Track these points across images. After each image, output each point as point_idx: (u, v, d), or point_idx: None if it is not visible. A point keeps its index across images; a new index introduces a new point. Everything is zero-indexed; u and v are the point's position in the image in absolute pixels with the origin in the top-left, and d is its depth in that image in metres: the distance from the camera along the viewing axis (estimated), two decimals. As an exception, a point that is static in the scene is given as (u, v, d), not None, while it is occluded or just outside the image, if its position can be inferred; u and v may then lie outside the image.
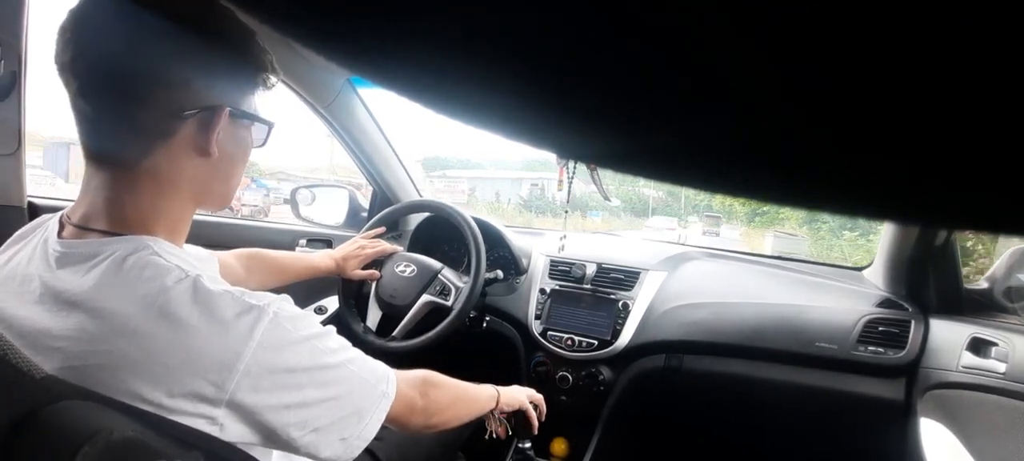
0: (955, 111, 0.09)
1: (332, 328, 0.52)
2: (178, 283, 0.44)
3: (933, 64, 0.08)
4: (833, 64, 0.09)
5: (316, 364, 0.47)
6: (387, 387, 0.54)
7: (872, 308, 1.04)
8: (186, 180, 0.50)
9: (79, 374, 0.41)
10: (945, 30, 0.08)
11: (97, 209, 0.48)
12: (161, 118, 0.48)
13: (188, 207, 0.52)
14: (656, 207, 9.45)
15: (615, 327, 1.16)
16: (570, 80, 0.12)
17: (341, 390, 0.49)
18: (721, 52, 0.10)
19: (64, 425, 0.35)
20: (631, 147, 0.14)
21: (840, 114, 0.10)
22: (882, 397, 0.99)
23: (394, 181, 1.44)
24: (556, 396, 1.18)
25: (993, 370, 0.81)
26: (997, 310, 0.95)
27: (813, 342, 1.03)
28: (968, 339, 0.88)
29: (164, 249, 0.47)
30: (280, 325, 0.45)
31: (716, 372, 1.11)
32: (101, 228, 0.47)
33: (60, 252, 0.46)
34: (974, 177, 0.11)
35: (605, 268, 1.24)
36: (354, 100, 1.27)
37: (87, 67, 0.45)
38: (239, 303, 0.44)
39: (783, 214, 6.19)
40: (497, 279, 1.25)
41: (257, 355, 0.43)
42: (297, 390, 0.46)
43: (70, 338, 0.42)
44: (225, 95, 0.51)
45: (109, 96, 0.46)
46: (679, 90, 0.11)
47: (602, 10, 0.09)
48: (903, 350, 0.98)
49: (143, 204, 0.48)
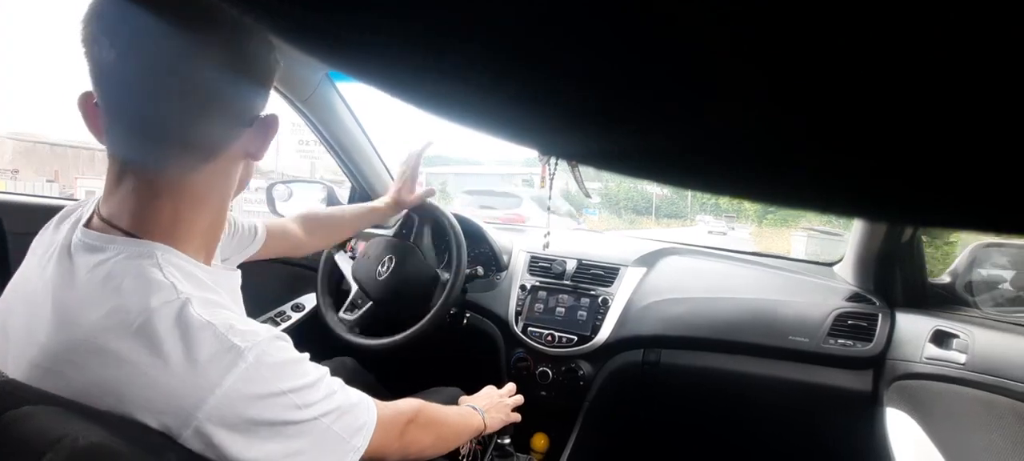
0: (923, 112, 0.09)
1: (325, 372, 0.48)
2: (164, 305, 0.41)
3: (907, 65, 0.09)
4: (811, 63, 0.09)
5: (287, 420, 0.44)
6: (359, 441, 0.50)
7: (842, 302, 1.07)
8: (231, 184, 0.51)
9: (51, 376, 0.40)
10: (920, 31, 0.08)
11: (125, 209, 0.46)
12: (224, 130, 0.47)
13: (224, 211, 0.52)
14: (660, 204, 9.10)
15: (595, 323, 1.17)
16: (550, 76, 0.12)
17: (306, 445, 0.45)
18: (701, 51, 0.10)
19: (26, 431, 0.34)
20: (611, 144, 0.14)
21: (816, 113, 0.10)
22: (850, 388, 1.03)
23: (374, 177, 1.42)
24: (536, 391, 1.19)
25: (954, 361, 0.85)
26: (959, 303, 1.00)
27: (786, 336, 1.06)
28: (931, 331, 0.92)
29: (170, 260, 0.45)
30: (258, 373, 0.42)
31: (693, 366, 1.13)
32: (124, 227, 0.45)
33: (80, 241, 0.45)
34: (940, 177, 0.11)
35: (585, 264, 1.25)
36: (333, 95, 1.25)
37: (144, 68, 0.42)
38: (219, 341, 0.41)
39: (794, 214, 6.15)
40: (478, 275, 1.25)
41: (222, 402, 0.40)
42: (259, 442, 0.42)
43: (51, 335, 0.41)
44: (266, 102, 0.51)
45: (175, 102, 0.44)
46: (658, 88, 0.11)
47: (582, 5, 0.09)
48: (870, 343, 1.01)
49: (180, 209, 0.47)
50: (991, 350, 0.81)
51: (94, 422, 0.37)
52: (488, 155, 12.95)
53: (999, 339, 0.81)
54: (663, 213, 8.43)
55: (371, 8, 0.11)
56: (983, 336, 0.83)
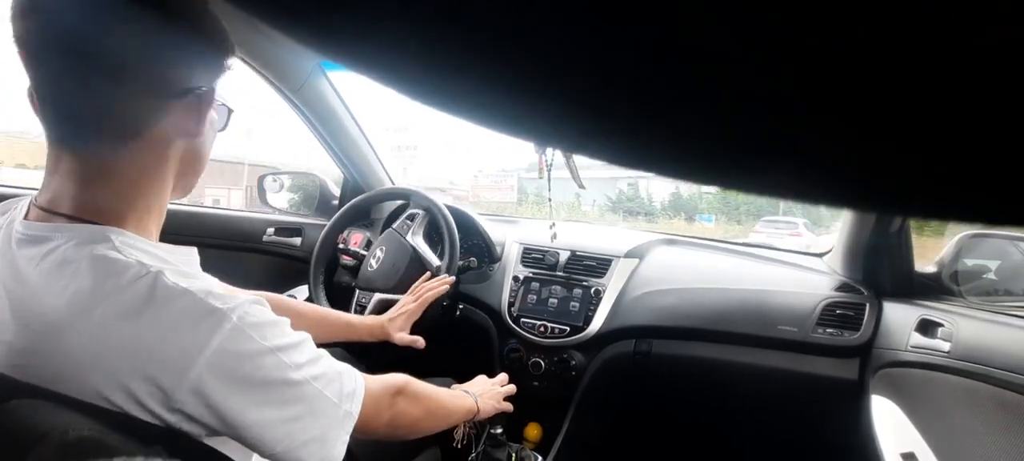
0: (913, 102, 0.10)
1: (307, 336, 0.48)
2: (136, 280, 0.41)
3: (902, 56, 0.09)
4: (808, 51, 0.09)
5: (277, 379, 0.44)
6: (351, 406, 0.50)
7: (830, 292, 1.09)
8: (169, 165, 0.48)
9: (24, 371, 0.39)
10: (917, 23, 0.08)
11: (64, 194, 0.45)
12: (154, 100, 0.45)
13: (164, 194, 0.50)
14: (763, 206, 7.89)
15: (587, 313, 1.18)
16: (546, 65, 0.11)
17: (302, 411, 0.45)
18: (695, 39, 0.10)
19: (14, 425, 0.33)
20: (607, 135, 0.14)
21: (811, 102, 0.10)
22: (838, 377, 1.05)
23: (366, 168, 1.41)
24: (529, 382, 1.19)
25: (938, 349, 0.87)
26: (944, 293, 1.01)
27: (775, 325, 1.07)
28: (917, 320, 0.93)
29: (127, 242, 0.44)
30: (243, 332, 0.42)
31: (684, 356, 1.14)
32: (66, 212, 0.44)
33: (21, 234, 0.44)
34: (932, 167, 0.11)
35: (578, 256, 1.26)
36: (324, 84, 1.23)
37: (59, 46, 0.41)
38: (200, 305, 0.41)
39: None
40: (471, 267, 1.25)
41: (212, 363, 0.40)
42: (254, 408, 0.42)
43: (16, 331, 0.40)
44: (205, 76, 0.49)
45: (90, 78, 0.42)
46: (653, 77, 0.11)
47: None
48: (858, 332, 1.03)
49: (119, 192, 0.45)
50: (974, 339, 0.82)
51: (84, 414, 0.36)
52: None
53: (982, 328, 0.83)
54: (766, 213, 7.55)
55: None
56: (967, 325, 0.85)
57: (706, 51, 0.10)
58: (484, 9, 0.10)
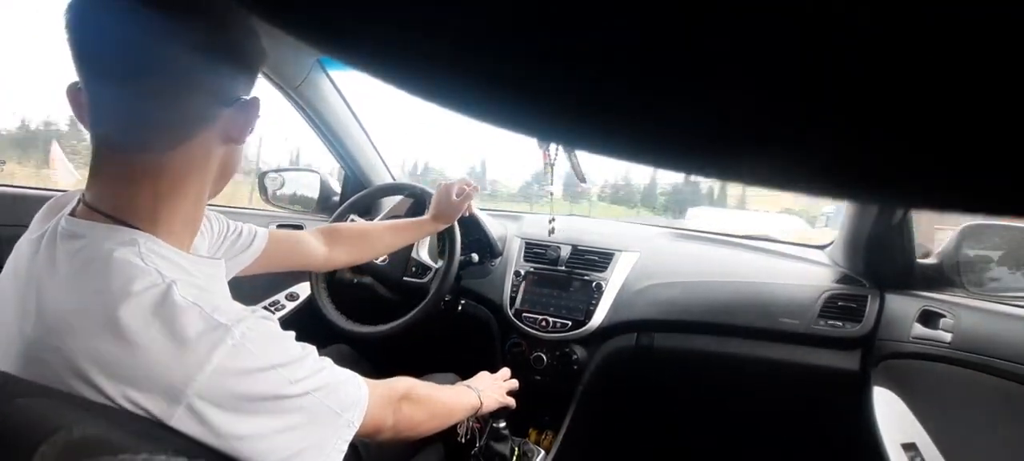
0: (916, 95, 0.09)
1: (311, 349, 0.48)
2: (146, 290, 0.41)
3: (902, 46, 0.09)
4: (811, 45, 0.09)
5: (278, 394, 0.44)
6: (353, 415, 0.50)
7: (832, 284, 1.09)
8: (209, 169, 0.50)
9: (36, 364, 0.40)
10: (917, 18, 0.08)
11: (106, 193, 0.46)
12: (208, 109, 0.47)
13: (202, 198, 0.51)
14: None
15: (589, 307, 1.18)
16: (543, 60, 0.11)
17: (301, 420, 0.45)
18: (690, 30, 0.10)
19: (20, 424, 0.34)
20: (606, 128, 0.14)
21: (813, 95, 0.10)
22: (840, 368, 1.05)
23: (367, 164, 1.41)
24: (531, 376, 1.20)
25: (940, 340, 0.87)
26: (946, 284, 1.01)
27: (777, 318, 1.07)
28: (919, 311, 0.93)
29: (152, 248, 0.45)
30: (244, 349, 0.42)
31: (686, 349, 1.15)
32: (105, 211, 0.45)
33: (63, 228, 0.45)
34: (933, 158, 0.11)
35: (579, 250, 1.26)
36: (324, 82, 1.23)
37: (122, 54, 0.42)
38: (205, 320, 0.41)
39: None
40: (472, 262, 1.25)
41: (211, 380, 0.40)
42: (251, 418, 0.42)
43: (34, 323, 0.41)
44: (248, 84, 0.51)
45: (153, 86, 0.44)
46: (650, 70, 0.11)
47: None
48: (859, 323, 1.03)
49: (159, 193, 0.47)
50: (976, 329, 0.82)
51: (88, 413, 0.37)
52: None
53: (984, 319, 0.83)
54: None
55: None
56: (969, 315, 0.85)
57: (707, 43, 0.10)
58: (484, 4, 0.10)
